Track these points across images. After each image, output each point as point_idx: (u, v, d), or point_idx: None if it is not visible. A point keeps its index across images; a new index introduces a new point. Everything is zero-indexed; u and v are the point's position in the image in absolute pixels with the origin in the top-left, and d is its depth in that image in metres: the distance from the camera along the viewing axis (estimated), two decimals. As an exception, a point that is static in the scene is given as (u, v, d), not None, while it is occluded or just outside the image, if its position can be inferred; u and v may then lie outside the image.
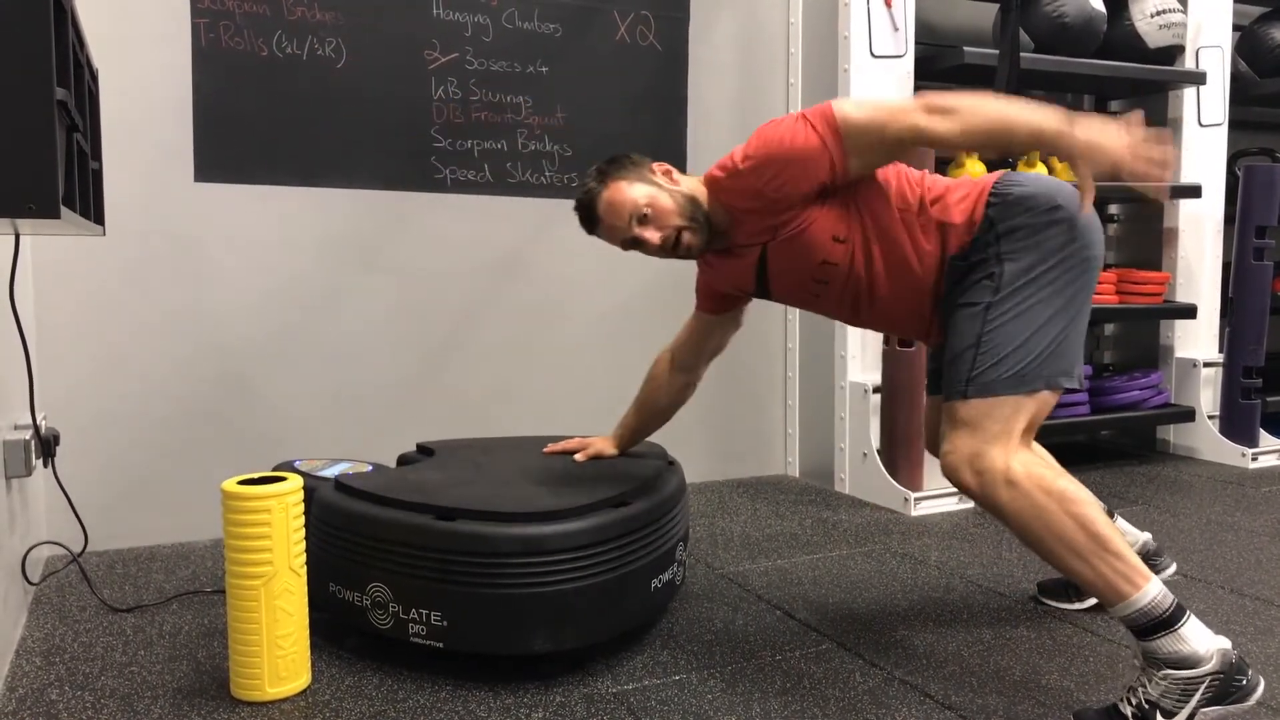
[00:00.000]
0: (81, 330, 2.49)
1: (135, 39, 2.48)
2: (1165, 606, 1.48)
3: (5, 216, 0.98)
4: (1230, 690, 1.47)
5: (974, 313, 1.66)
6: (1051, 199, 1.66)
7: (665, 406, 2.15)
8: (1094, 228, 1.69)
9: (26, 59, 0.97)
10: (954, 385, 1.66)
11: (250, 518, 1.61)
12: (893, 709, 1.64)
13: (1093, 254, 1.68)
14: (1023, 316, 1.63)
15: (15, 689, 1.70)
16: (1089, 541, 1.52)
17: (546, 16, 2.95)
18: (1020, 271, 1.64)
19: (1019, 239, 1.65)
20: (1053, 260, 1.65)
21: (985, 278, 1.67)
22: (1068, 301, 1.66)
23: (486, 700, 1.67)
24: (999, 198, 1.69)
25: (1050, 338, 1.64)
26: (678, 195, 1.79)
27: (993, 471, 1.58)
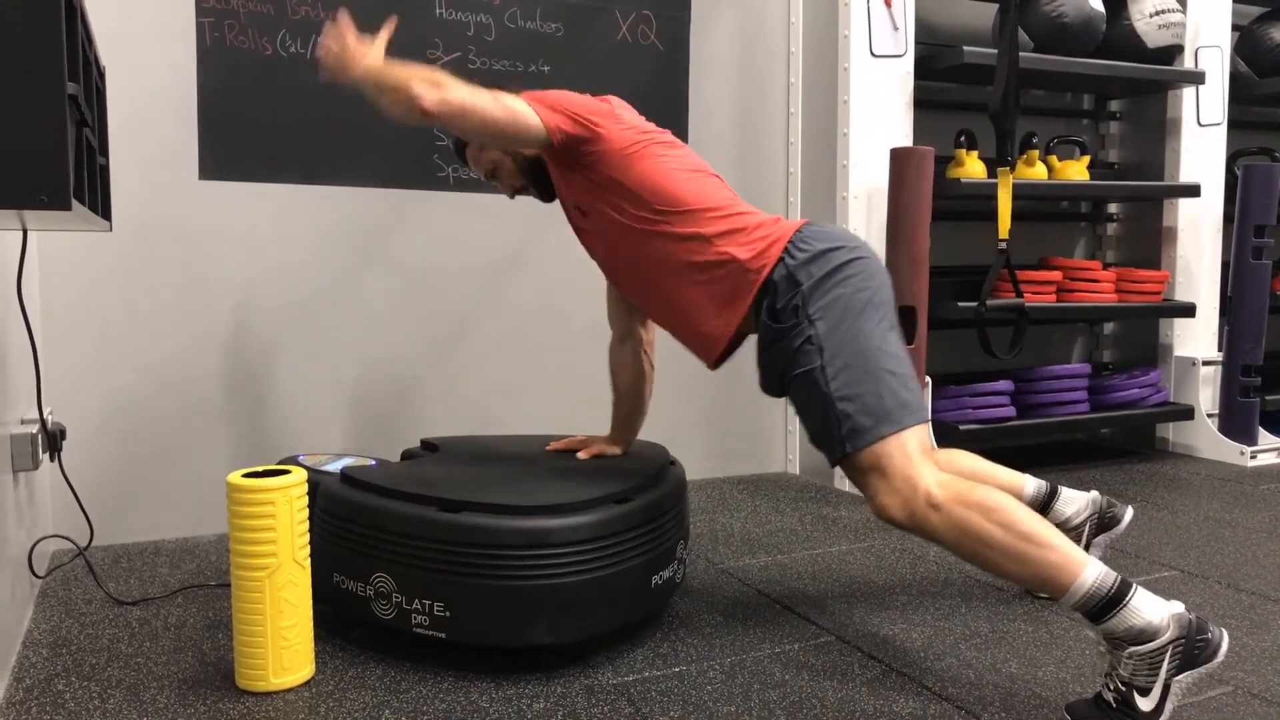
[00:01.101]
0: (87, 325, 2.51)
1: (141, 38, 2.51)
2: (1109, 585, 1.49)
3: (18, 208, 1.00)
4: (1195, 652, 1.46)
5: (811, 378, 1.73)
6: (843, 254, 1.77)
7: (631, 382, 2.17)
8: (883, 274, 1.82)
9: (38, 52, 0.99)
10: (837, 447, 1.72)
11: (255, 510, 1.63)
12: (890, 700, 1.66)
13: (887, 298, 1.79)
14: (859, 365, 1.71)
15: (22, 679, 1.72)
16: (1018, 542, 1.55)
17: (548, 16, 2.97)
18: (833, 326, 1.73)
19: (822, 296, 1.74)
20: (859, 306, 1.74)
21: (805, 342, 1.74)
22: (884, 338, 1.74)
23: (488, 691, 1.68)
24: (793, 253, 1.78)
25: (892, 373, 1.71)
26: (520, 157, 2.02)
27: (916, 500, 1.62)
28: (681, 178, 1.87)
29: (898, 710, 1.62)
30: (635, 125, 1.92)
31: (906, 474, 1.64)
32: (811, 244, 1.79)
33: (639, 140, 1.88)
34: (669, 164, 1.88)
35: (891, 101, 3.14)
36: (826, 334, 1.72)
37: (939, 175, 3.09)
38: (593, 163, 1.87)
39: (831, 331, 1.72)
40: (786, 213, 3.37)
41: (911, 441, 1.68)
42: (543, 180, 2.04)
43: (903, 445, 1.67)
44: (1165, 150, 3.79)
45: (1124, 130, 4.03)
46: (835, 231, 1.84)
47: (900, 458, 1.66)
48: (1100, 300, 3.54)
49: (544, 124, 1.81)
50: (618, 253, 1.95)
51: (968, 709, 1.62)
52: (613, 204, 1.88)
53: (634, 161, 1.86)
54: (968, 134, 3.33)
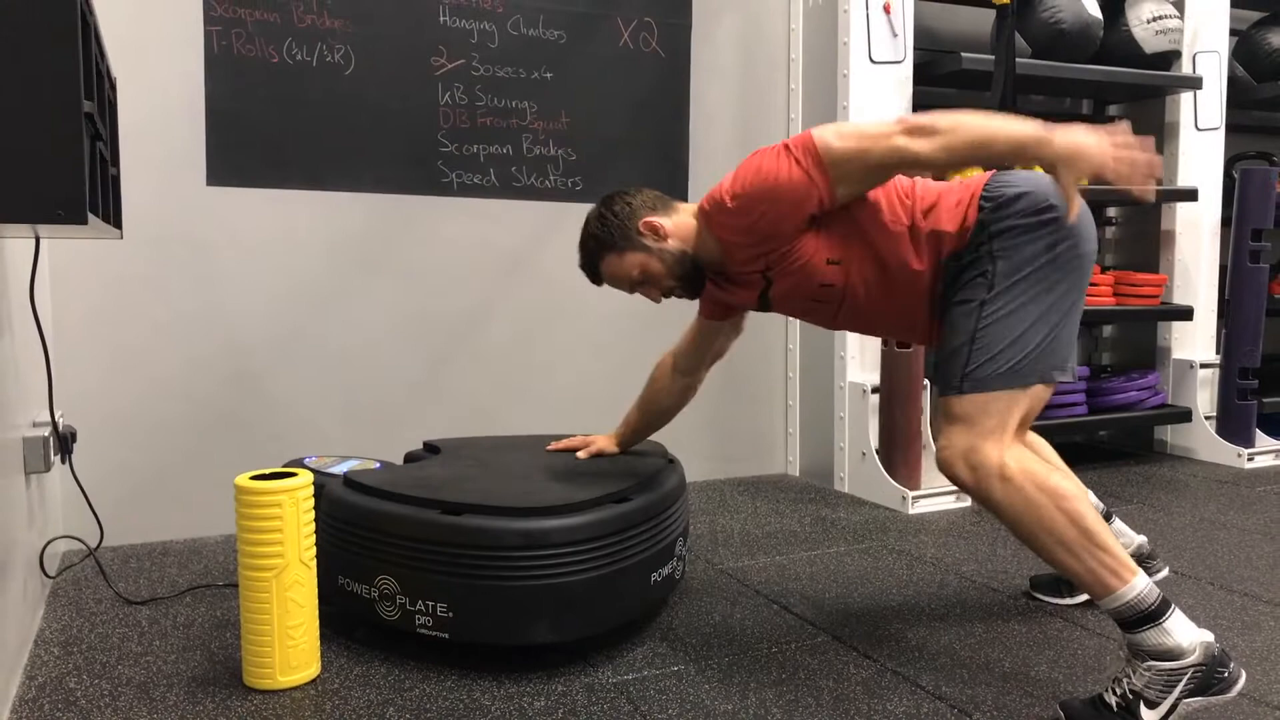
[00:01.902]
0: (97, 330, 2.55)
1: (150, 46, 2.54)
2: (1151, 600, 1.52)
3: (36, 222, 1.03)
4: (1212, 682, 1.51)
5: (969, 309, 1.69)
6: (1044, 199, 1.69)
7: (667, 408, 2.21)
8: (1086, 224, 1.71)
9: (56, 75, 1.03)
10: (949, 381, 1.69)
11: (262, 512, 1.67)
12: (885, 699, 1.69)
13: (1084, 250, 1.71)
14: (1017, 313, 1.66)
15: (35, 677, 1.76)
16: (1079, 536, 1.56)
17: (551, 23, 3.01)
18: (1013, 269, 1.67)
19: (1011, 238, 1.68)
20: (1045, 258, 1.67)
21: (979, 275, 1.70)
22: (1060, 297, 1.69)
23: (490, 689, 1.72)
24: (990, 200, 1.71)
25: (1044, 333, 1.67)
26: (667, 256, 1.86)
27: (987, 466, 1.61)
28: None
29: (891, 709, 1.65)
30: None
31: (991, 437, 1.63)
32: (1001, 190, 1.71)
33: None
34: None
35: (891, 107, 3.16)
36: (1002, 274, 1.67)
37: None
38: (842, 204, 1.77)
39: (1008, 274, 1.67)
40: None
41: (1017, 408, 1.65)
42: (693, 273, 1.90)
43: (1006, 408, 1.64)
44: (1163, 154, 3.82)
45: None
46: (1027, 176, 1.73)
47: (995, 420, 1.64)
48: (1098, 303, 3.57)
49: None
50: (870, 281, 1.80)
51: (960, 708, 1.65)
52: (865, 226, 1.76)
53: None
54: (966, 139, 3.35)
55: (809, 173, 1.67)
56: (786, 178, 1.68)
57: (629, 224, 1.87)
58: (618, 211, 1.89)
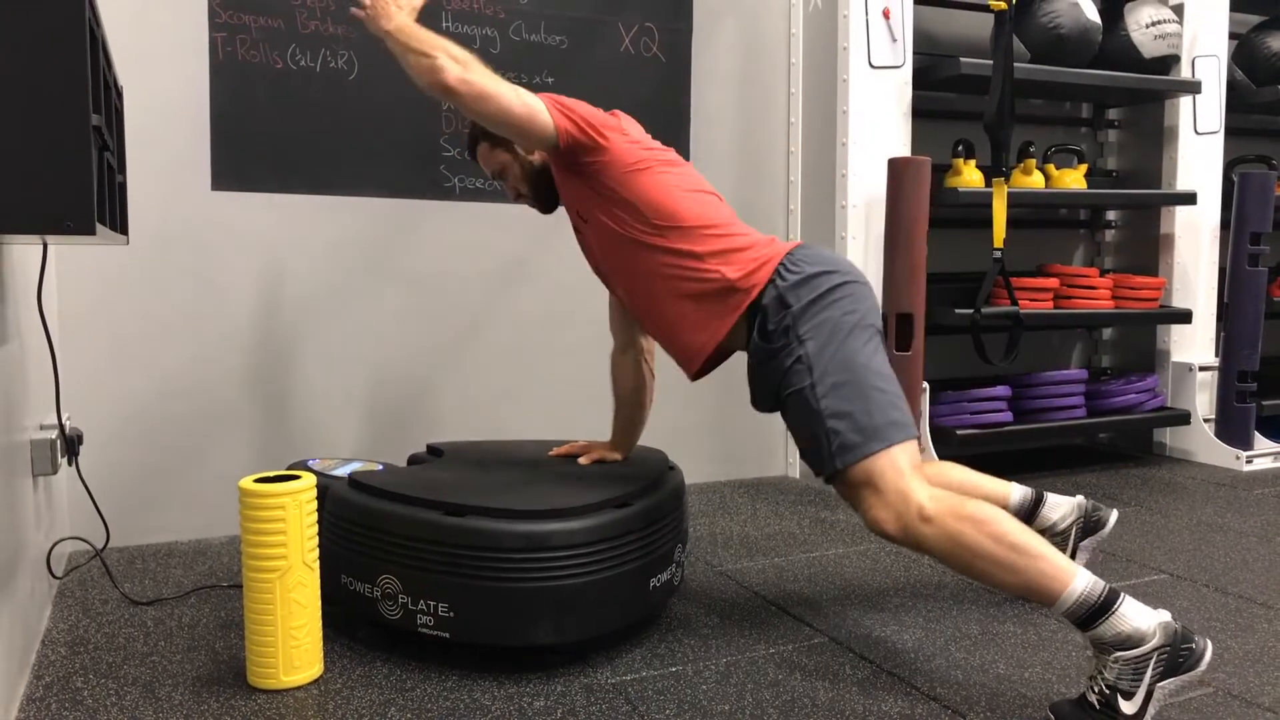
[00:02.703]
0: (104, 334, 2.58)
1: (155, 53, 2.57)
2: (1097, 594, 1.54)
3: (46, 233, 1.06)
4: (1179, 659, 1.52)
5: (802, 397, 1.79)
6: (832, 278, 1.83)
7: (632, 390, 2.22)
8: (872, 300, 1.87)
9: (65, 89, 1.05)
10: (828, 463, 1.77)
11: (266, 514, 1.69)
12: (880, 699, 1.71)
13: (875, 321, 1.85)
14: (848, 384, 1.76)
15: (42, 677, 1.78)
16: (1009, 554, 1.60)
17: (553, 29, 3.03)
18: (823, 346, 1.78)
19: (810, 317, 1.79)
20: (848, 327, 1.79)
21: (795, 362, 1.79)
22: (872, 357, 1.80)
23: (491, 689, 1.74)
24: (784, 275, 1.83)
25: (880, 391, 1.77)
26: (526, 165, 2.07)
27: (909, 514, 1.68)
28: (679, 195, 1.92)
29: (886, 710, 1.67)
30: (640, 141, 1.97)
31: (899, 488, 1.69)
32: (802, 267, 1.84)
33: (642, 157, 1.93)
34: (670, 180, 1.93)
35: (890, 112, 3.19)
36: (816, 353, 1.78)
37: (937, 184, 3.14)
38: (595, 172, 1.92)
39: (821, 351, 1.78)
40: (786, 220, 3.42)
41: (902, 458, 1.73)
42: (544, 192, 2.09)
43: (893, 461, 1.72)
44: (1163, 158, 3.84)
45: (1122, 138, 4.07)
46: (826, 255, 1.89)
47: (892, 473, 1.71)
48: (1097, 306, 3.59)
49: (555, 125, 1.86)
50: (612, 260, 2.01)
51: (954, 709, 1.67)
52: (610, 213, 1.93)
53: (635, 177, 1.91)
54: (965, 143, 3.38)
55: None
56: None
57: None
58: None
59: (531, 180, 2.09)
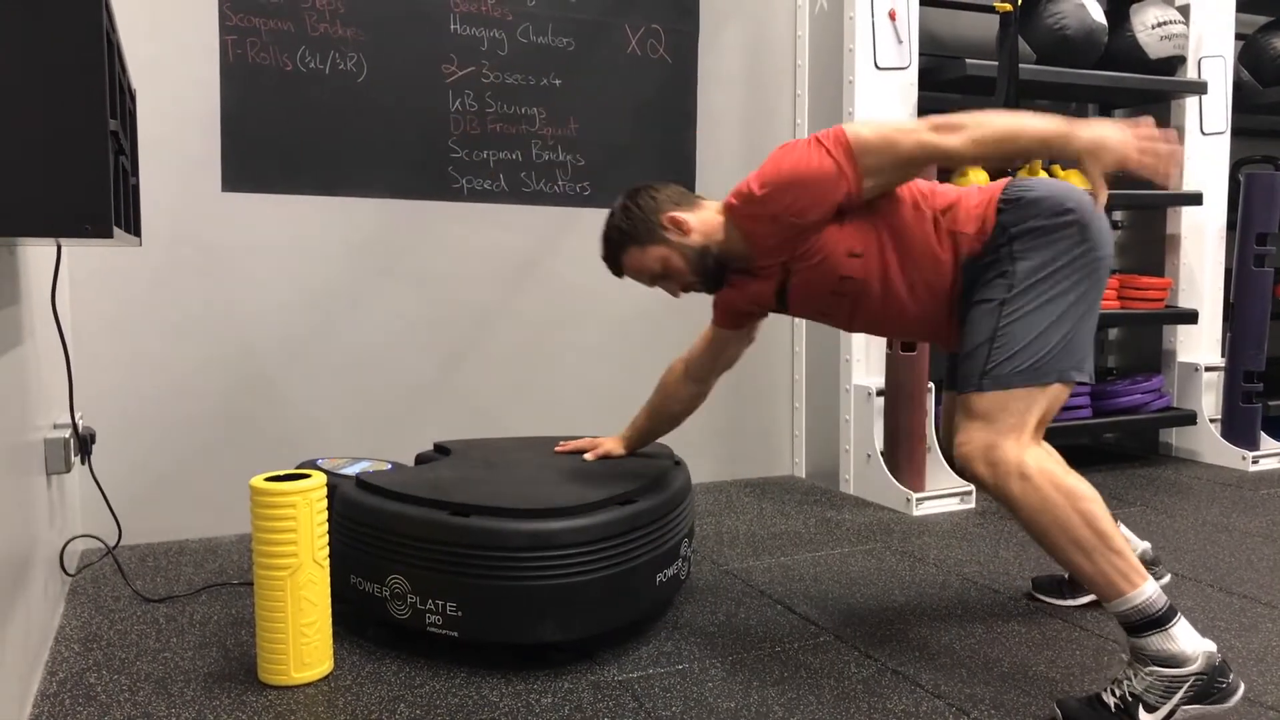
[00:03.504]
0: (115, 334, 2.60)
1: (167, 56, 2.59)
2: (1159, 606, 1.55)
3: (65, 236, 1.08)
4: (1212, 691, 1.54)
5: (989, 308, 1.72)
6: (1062, 203, 1.71)
7: (676, 414, 2.23)
8: (1104, 230, 1.73)
9: (83, 96, 1.07)
10: (969, 378, 1.71)
11: (277, 512, 1.71)
12: (885, 697, 1.72)
13: (1102, 254, 1.73)
14: (1036, 312, 1.68)
15: (55, 673, 1.81)
16: (1093, 537, 1.58)
17: (560, 31, 3.05)
18: (1033, 269, 1.70)
19: (1032, 239, 1.71)
20: (1064, 260, 1.70)
21: (999, 276, 1.72)
22: (1078, 299, 1.71)
23: (499, 686, 1.76)
24: (1009, 203, 1.74)
25: (1063, 333, 1.69)
26: (689, 252, 1.90)
27: (1006, 464, 1.63)
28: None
29: (891, 707, 1.68)
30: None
31: (1010, 435, 1.65)
32: (1021, 193, 1.74)
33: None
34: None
35: (896, 113, 3.19)
36: (1023, 274, 1.69)
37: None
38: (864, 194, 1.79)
39: (1029, 274, 1.69)
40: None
41: (1036, 407, 1.68)
42: (714, 271, 1.93)
43: (1026, 407, 1.66)
44: (1169, 158, 3.83)
45: (1128, 138, 4.06)
46: (1045, 182, 1.77)
47: (1015, 418, 1.66)
48: (1104, 307, 3.57)
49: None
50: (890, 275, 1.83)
51: (959, 706, 1.68)
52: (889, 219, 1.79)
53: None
54: (971, 144, 3.38)
55: (839, 162, 1.71)
56: (817, 166, 1.72)
57: (653, 218, 1.91)
58: (642, 205, 1.92)
59: (698, 264, 1.91)
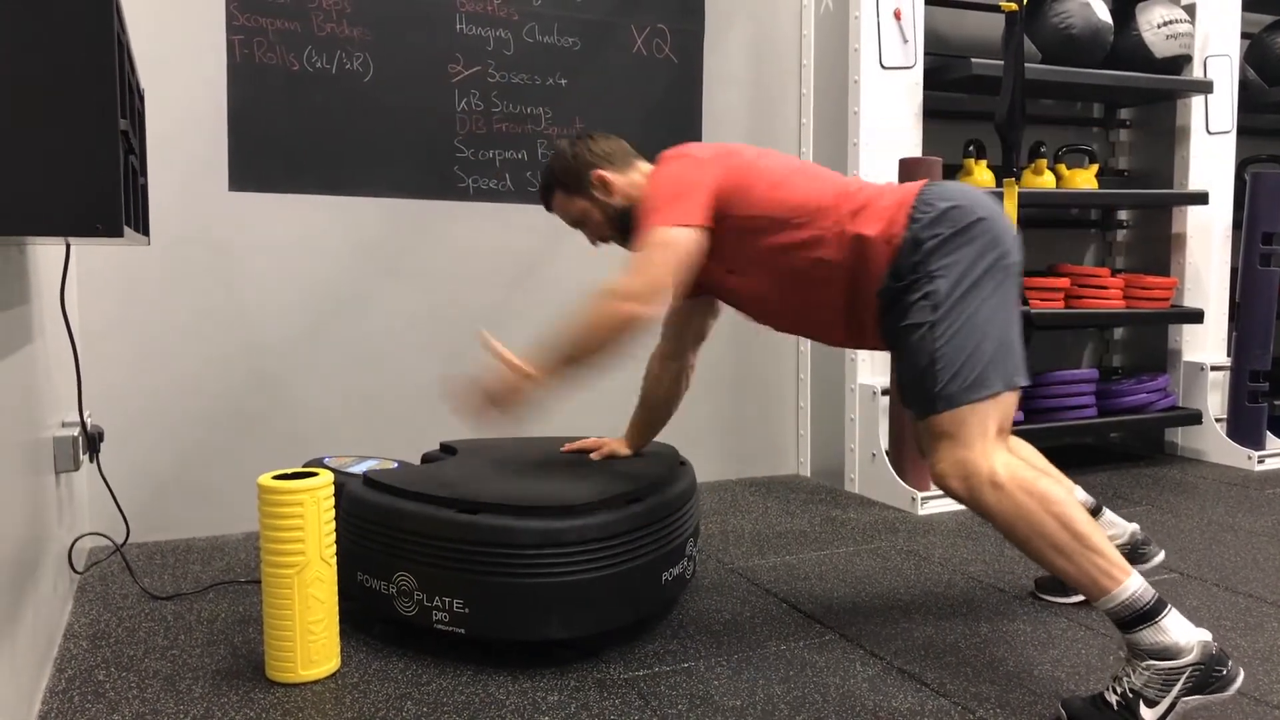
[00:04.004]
0: (124, 332, 2.61)
1: (174, 56, 2.60)
2: (1146, 600, 1.56)
3: (76, 236, 1.09)
4: (1210, 680, 1.54)
5: (921, 334, 1.74)
6: (972, 211, 1.75)
7: (665, 399, 2.22)
8: (1012, 234, 1.78)
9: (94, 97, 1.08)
10: (923, 404, 1.75)
11: (284, 510, 1.72)
12: (890, 696, 1.73)
13: (1012, 260, 1.78)
14: (967, 326, 1.72)
15: (64, 670, 1.82)
16: (1071, 539, 1.60)
17: (566, 31, 3.06)
18: (953, 285, 1.73)
19: (945, 254, 1.73)
20: (980, 269, 1.73)
21: (921, 298, 1.75)
22: (999, 304, 1.75)
23: (505, 684, 1.77)
24: (922, 214, 1.76)
25: (996, 342, 1.73)
26: (609, 210, 2.02)
27: (978, 476, 1.66)
28: (791, 183, 1.87)
29: (896, 706, 1.69)
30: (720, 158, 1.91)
31: (975, 447, 1.68)
32: (935, 203, 1.76)
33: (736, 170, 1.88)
34: (774, 175, 1.88)
35: (901, 112, 3.20)
36: (945, 293, 1.72)
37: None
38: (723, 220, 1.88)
39: (950, 291, 1.72)
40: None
41: (992, 416, 1.70)
42: (630, 231, 1.97)
43: (983, 419, 1.69)
44: (1174, 158, 3.83)
45: (1134, 138, 4.07)
46: (959, 189, 1.81)
47: (976, 430, 1.68)
48: (1109, 306, 3.59)
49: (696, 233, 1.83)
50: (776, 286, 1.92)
51: (964, 705, 1.69)
52: (759, 244, 1.87)
53: (747, 192, 1.86)
54: (976, 144, 3.39)
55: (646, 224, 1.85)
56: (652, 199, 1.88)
57: (584, 172, 2.02)
58: (578, 154, 2.04)
59: (615, 223, 2.03)
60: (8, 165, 1.07)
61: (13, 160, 1.07)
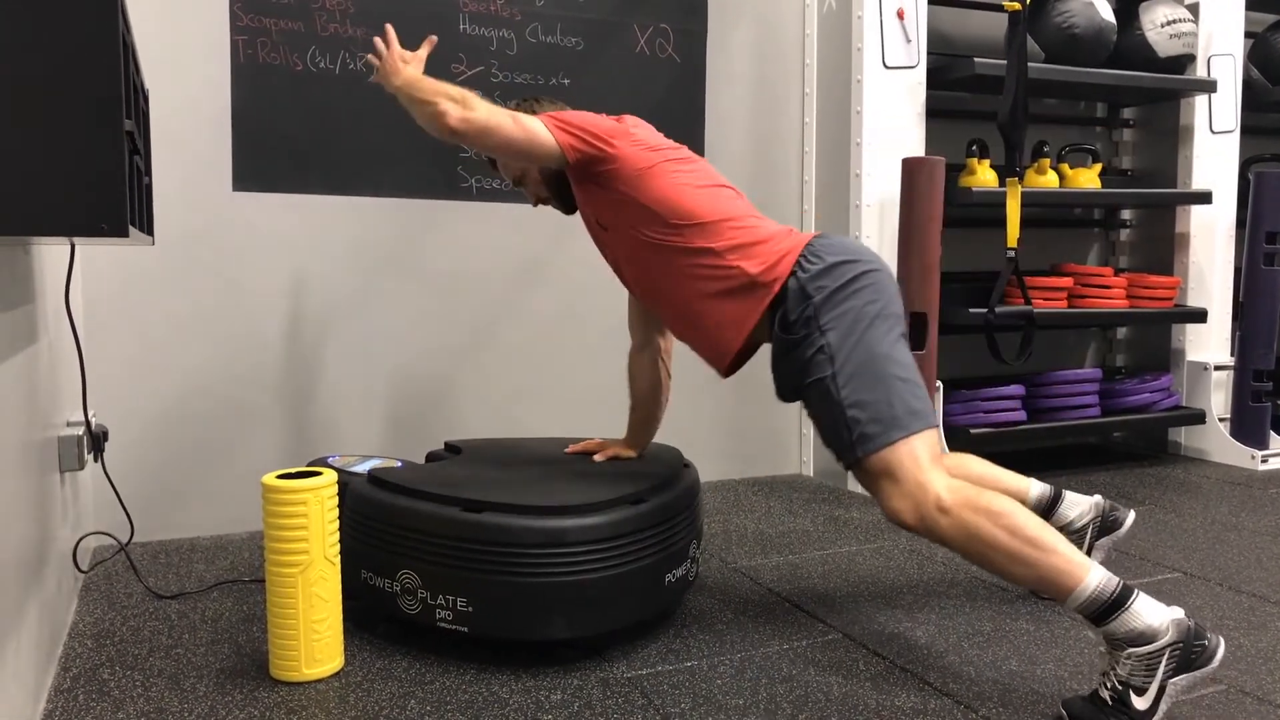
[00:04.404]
0: (129, 332, 2.62)
1: (178, 56, 2.61)
2: (1111, 590, 1.56)
3: (82, 236, 1.09)
4: (1192, 656, 1.54)
5: (824, 387, 1.79)
6: (856, 265, 1.83)
7: (649, 391, 2.23)
8: (894, 288, 1.87)
9: (99, 96, 1.08)
10: (848, 452, 1.78)
11: (288, 509, 1.72)
12: (892, 695, 1.73)
13: (897, 310, 1.86)
14: (870, 374, 1.77)
15: (69, 669, 1.82)
16: (1024, 547, 1.61)
17: (569, 31, 3.06)
18: (844, 335, 1.78)
19: (833, 306, 1.80)
20: (870, 317, 1.80)
21: (817, 352, 1.80)
22: (893, 347, 1.80)
23: (508, 683, 1.77)
24: (810, 264, 1.84)
25: (901, 382, 1.77)
26: (546, 171, 2.08)
27: (925, 505, 1.69)
28: (693, 193, 1.93)
29: (899, 705, 1.69)
30: (648, 143, 1.97)
31: (917, 479, 1.70)
32: (823, 257, 1.84)
33: (652, 160, 1.94)
34: (682, 179, 1.94)
35: (904, 112, 3.20)
36: (838, 344, 1.78)
37: (951, 184, 3.15)
38: (608, 180, 1.94)
39: (843, 341, 1.78)
40: (801, 221, 3.44)
41: (921, 447, 1.74)
42: (565, 193, 2.11)
43: (912, 451, 1.73)
44: (1178, 157, 3.83)
45: (1137, 137, 4.07)
46: (846, 244, 1.90)
47: (910, 463, 1.72)
48: (1112, 306, 3.59)
49: (558, 144, 1.90)
50: (635, 265, 2.02)
51: (966, 704, 1.69)
52: (629, 219, 1.95)
53: (648, 179, 1.92)
54: (979, 143, 3.39)
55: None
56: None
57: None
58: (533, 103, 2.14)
59: (552, 184, 2.11)
60: (12, 165, 1.08)
61: (17, 160, 1.08)
